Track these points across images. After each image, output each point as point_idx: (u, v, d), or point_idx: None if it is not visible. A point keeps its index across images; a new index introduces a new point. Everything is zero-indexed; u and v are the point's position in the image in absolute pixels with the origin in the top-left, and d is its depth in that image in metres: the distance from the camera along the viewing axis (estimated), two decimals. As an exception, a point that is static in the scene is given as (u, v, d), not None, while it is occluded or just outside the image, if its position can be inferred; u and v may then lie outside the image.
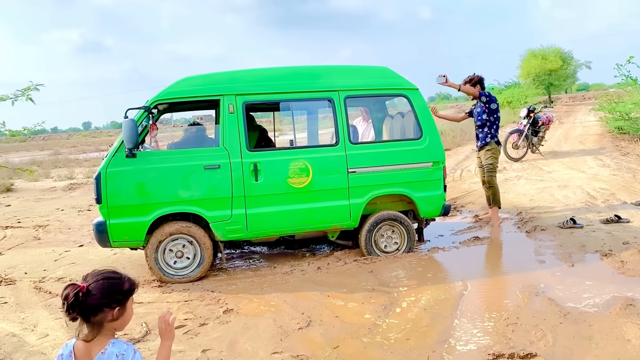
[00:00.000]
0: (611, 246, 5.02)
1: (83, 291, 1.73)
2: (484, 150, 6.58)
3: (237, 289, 4.59)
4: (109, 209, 4.67)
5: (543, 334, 3.32)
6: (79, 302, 1.72)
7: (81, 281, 1.78)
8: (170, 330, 1.94)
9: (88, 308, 1.74)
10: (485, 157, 6.56)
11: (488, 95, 6.44)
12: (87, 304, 1.73)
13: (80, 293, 1.72)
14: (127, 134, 4.50)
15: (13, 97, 4.04)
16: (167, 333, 1.94)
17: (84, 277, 1.80)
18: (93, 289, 1.75)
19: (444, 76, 6.23)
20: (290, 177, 4.96)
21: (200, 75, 5.11)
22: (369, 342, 3.42)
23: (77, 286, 1.74)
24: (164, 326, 1.93)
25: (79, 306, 1.73)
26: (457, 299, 4.07)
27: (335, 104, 5.15)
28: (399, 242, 5.39)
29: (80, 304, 1.73)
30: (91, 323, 1.77)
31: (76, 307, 1.72)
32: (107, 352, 1.78)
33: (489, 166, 6.53)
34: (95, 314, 1.75)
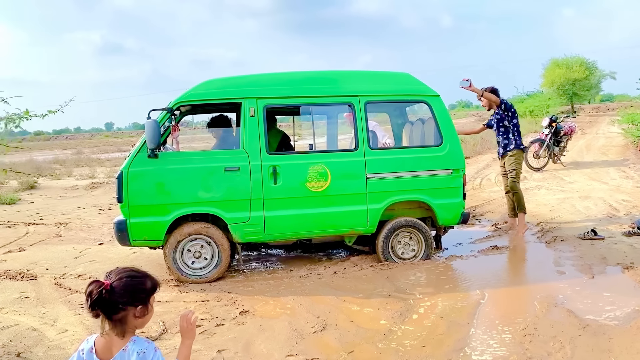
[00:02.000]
0: (633, 259, 4.94)
1: (107, 288, 1.75)
2: (507, 157, 6.57)
3: (254, 291, 4.62)
4: (129, 208, 4.74)
5: (561, 345, 3.28)
6: (102, 299, 1.75)
7: (104, 278, 1.80)
8: (192, 329, 1.96)
9: (111, 305, 1.77)
10: (509, 163, 6.55)
11: (506, 102, 6.51)
12: (110, 301, 1.76)
13: (104, 290, 1.75)
14: (150, 135, 4.57)
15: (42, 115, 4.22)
16: (189, 332, 1.96)
17: (107, 274, 1.82)
18: (117, 287, 1.77)
19: (468, 80, 6.26)
20: (309, 180, 4.98)
21: (222, 78, 5.17)
22: (384, 347, 3.41)
23: (101, 283, 1.76)
24: (186, 325, 1.96)
25: (102, 303, 1.75)
26: (474, 308, 4.04)
27: (355, 109, 5.16)
28: (417, 249, 5.36)
29: (104, 301, 1.75)
30: (113, 320, 1.79)
31: (99, 304, 1.75)
32: (128, 349, 1.81)
33: (512, 172, 6.50)
34: (117, 311, 1.78)
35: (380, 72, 5.58)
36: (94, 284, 1.77)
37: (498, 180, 10.67)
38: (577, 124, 12.93)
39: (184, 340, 1.96)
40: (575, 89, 39.29)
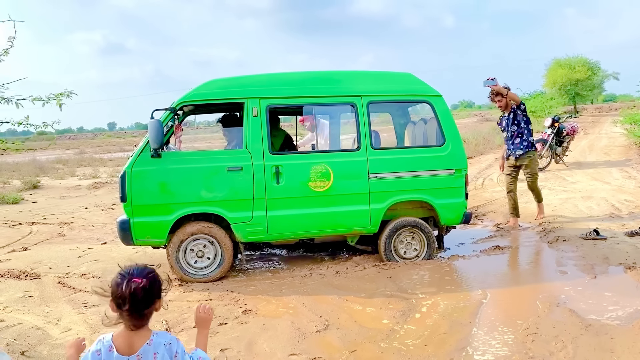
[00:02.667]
0: (635, 259, 4.94)
1: (146, 286, 1.80)
2: (527, 159, 6.75)
3: (256, 290, 4.63)
4: (133, 208, 4.76)
5: (563, 345, 3.28)
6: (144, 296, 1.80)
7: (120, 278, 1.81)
8: (209, 318, 2.06)
9: (148, 301, 1.82)
10: (529, 165, 6.78)
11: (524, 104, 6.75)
12: (147, 297, 1.81)
13: (144, 287, 1.80)
14: (153, 134, 4.59)
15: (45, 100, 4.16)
16: (206, 321, 2.06)
17: (129, 273, 1.82)
18: (150, 282, 1.82)
19: (494, 79, 6.43)
20: (311, 180, 4.99)
21: (225, 78, 5.19)
22: (387, 347, 3.42)
23: (139, 281, 1.80)
24: (204, 314, 2.05)
25: (143, 300, 1.80)
26: (476, 307, 4.04)
27: (357, 109, 5.17)
28: (419, 249, 5.37)
29: (144, 298, 1.80)
30: (142, 316, 1.83)
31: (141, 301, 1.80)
32: (153, 342, 1.86)
33: (534, 174, 6.84)
34: (148, 306, 1.83)
35: (382, 72, 5.60)
36: (131, 283, 1.79)
37: (500, 180, 10.66)
38: (579, 124, 12.92)
39: (201, 330, 2.05)
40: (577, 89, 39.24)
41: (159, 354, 1.85)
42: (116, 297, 1.79)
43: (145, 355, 1.84)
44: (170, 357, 1.87)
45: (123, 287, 1.77)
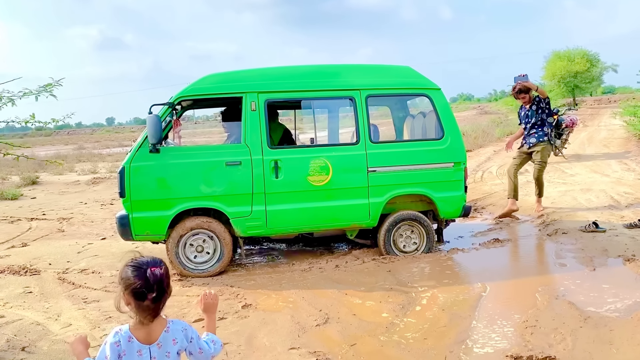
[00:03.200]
0: (634, 251, 4.94)
1: (165, 273, 1.84)
2: (540, 147, 6.95)
3: (256, 285, 4.64)
4: (132, 203, 4.76)
5: (562, 337, 3.29)
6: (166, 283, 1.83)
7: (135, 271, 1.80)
8: (215, 303, 2.10)
9: (168, 289, 1.85)
10: (540, 154, 6.96)
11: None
12: (167, 285, 1.85)
13: (164, 276, 1.83)
14: (151, 130, 4.57)
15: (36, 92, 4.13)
16: (213, 307, 2.10)
17: (144, 263, 1.82)
18: (166, 271, 1.86)
19: (526, 75, 6.76)
20: (310, 174, 4.99)
21: (224, 72, 5.17)
22: (386, 340, 3.43)
23: (159, 269, 1.82)
24: (211, 300, 2.08)
25: (164, 289, 1.83)
26: (476, 300, 4.05)
27: (356, 102, 5.16)
28: (418, 242, 5.38)
29: (166, 286, 1.84)
30: (160, 304, 1.85)
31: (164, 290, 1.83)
32: (170, 329, 1.89)
33: (542, 164, 7.00)
34: (167, 292, 1.86)
35: (381, 66, 5.58)
36: (155, 271, 1.80)
37: (499, 173, 10.69)
38: (578, 117, 12.89)
39: (209, 315, 2.09)
40: (576, 82, 39.14)
41: (178, 340, 1.89)
42: (137, 288, 1.77)
43: (165, 342, 1.87)
44: (187, 340, 1.92)
45: (147, 275, 1.77)
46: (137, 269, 1.80)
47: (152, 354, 1.85)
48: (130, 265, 1.82)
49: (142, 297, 1.78)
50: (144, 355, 1.84)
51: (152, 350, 1.85)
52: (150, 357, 1.84)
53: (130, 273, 1.80)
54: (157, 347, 1.85)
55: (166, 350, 1.87)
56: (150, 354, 1.84)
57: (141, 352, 1.84)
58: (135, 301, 1.80)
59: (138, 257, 1.85)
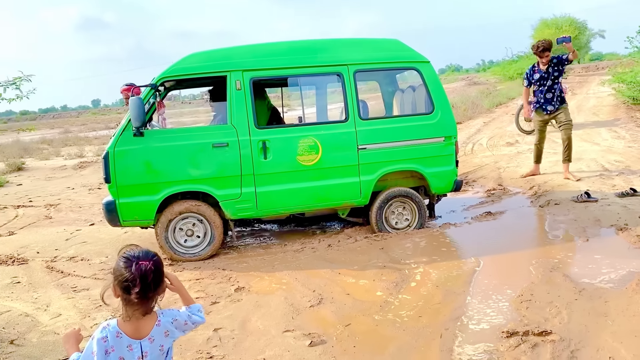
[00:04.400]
0: (627, 220, 4.94)
1: (153, 268, 1.78)
2: (563, 111, 7.00)
3: (248, 267, 4.59)
4: (118, 188, 4.66)
5: (558, 310, 3.27)
6: (153, 279, 1.77)
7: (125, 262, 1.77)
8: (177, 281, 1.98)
9: (155, 284, 1.79)
10: (565, 114, 7.01)
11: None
12: (155, 280, 1.79)
13: (152, 270, 1.77)
14: (134, 113, 4.45)
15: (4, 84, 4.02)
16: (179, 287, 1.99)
17: (134, 256, 1.78)
18: (155, 265, 1.79)
19: (570, 37, 6.74)
20: (300, 154, 4.90)
21: (207, 51, 5.02)
22: (381, 319, 3.40)
23: (147, 263, 1.77)
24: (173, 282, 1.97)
25: (153, 283, 1.77)
26: (470, 276, 4.03)
27: (344, 78, 5.05)
28: (410, 219, 5.34)
29: (154, 281, 1.78)
30: (149, 299, 1.80)
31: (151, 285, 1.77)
32: (161, 323, 1.86)
33: (569, 122, 7.01)
34: (155, 289, 1.80)
35: (368, 40, 5.45)
36: (140, 265, 1.75)
37: (490, 145, 10.66)
38: (567, 85, 12.82)
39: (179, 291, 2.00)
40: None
41: (170, 331, 1.87)
42: (123, 281, 1.75)
43: (157, 336, 1.83)
44: (180, 328, 1.91)
45: (132, 269, 1.74)
46: (126, 261, 1.78)
47: (144, 348, 1.81)
48: (122, 257, 1.80)
49: (128, 290, 1.75)
50: (134, 350, 1.80)
51: (144, 344, 1.81)
52: (141, 351, 1.80)
53: (121, 265, 1.78)
54: (148, 341, 1.82)
55: (159, 343, 1.84)
56: (142, 349, 1.81)
57: (131, 347, 1.79)
58: (123, 294, 1.77)
59: (132, 249, 1.83)
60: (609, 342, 2.87)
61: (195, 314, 1.97)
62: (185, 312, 1.95)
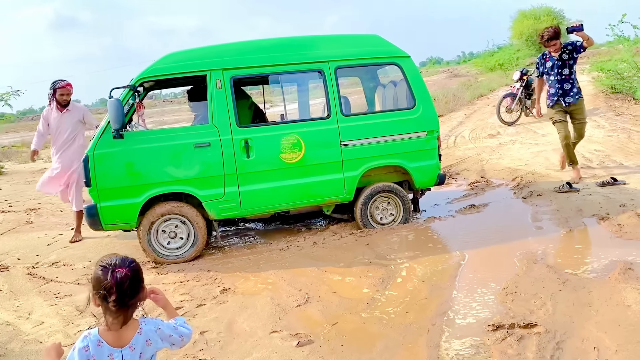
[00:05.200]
0: (608, 209, 4.99)
1: (130, 275, 1.76)
2: (579, 105, 6.44)
3: (234, 267, 4.55)
4: (99, 192, 4.59)
5: (543, 302, 3.30)
6: (129, 286, 1.75)
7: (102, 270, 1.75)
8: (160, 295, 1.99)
9: (133, 291, 1.77)
10: (582, 110, 6.48)
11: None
12: (133, 287, 1.77)
13: (128, 277, 1.75)
14: (113, 115, 4.39)
15: None
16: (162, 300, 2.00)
17: (110, 264, 1.76)
18: (132, 272, 1.77)
19: (582, 25, 6.01)
20: (283, 152, 4.87)
21: (186, 50, 4.96)
22: (368, 317, 3.40)
23: (123, 271, 1.75)
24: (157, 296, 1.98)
25: (129, 291, 1.75)
26: (455, 270, 4.04)
27: (325, 75, 5.02)
28: (395, 214, 5.34)
29: (130, 289, 1.75)
30: (127, 307, 1.78)
31: (126, 293, 1.74)
32: (143, 330, 1.83)
33: (583, 120, 6.51)
34: (133, 297, 1.78)
35: (349, 36, 5.44)
36: (116, 272, 1.73)
37: (472, 137, 10.71)
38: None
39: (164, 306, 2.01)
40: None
41: (152, 341, 1.84)
42: (100, 289, 1.73)
43: (137, 344, 1.81)
44: (165, 340, 1.88)
45: (108, 277, 1.72)
46: (103, 270, 1.76)
47: (125, 357, 1.79)
48: (99, 265, 1.78)
49: (105, 299, 1.74)
50: (115, 358, 1.78)
51: (125, 353, 1.79)
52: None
53: (98, 273, 1.76)
54: (129, 349, 1.80)
55: (139, 352, 1.82)
56: (123, 357, 1.78)
57: (112, 356, 1.78)
58: (101, 303, 1.75)
59: (110, 257, 1.81)
60: (594, 332, 2.89)
61: (181, 326, 1.95)
62: (170, 324, 1.92)
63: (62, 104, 5.70)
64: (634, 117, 10.46)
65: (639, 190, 5.52)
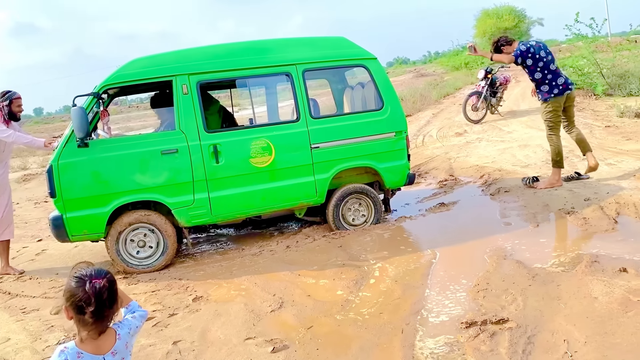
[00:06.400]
0: (573, 204, 5.11)
1: (107, 285, 1.75)
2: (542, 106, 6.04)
3: (206, 275, 4.50)
4: (64, 203, 4.48)
5: (513, 298, 3.36)
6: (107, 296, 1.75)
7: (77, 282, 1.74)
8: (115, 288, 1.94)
9: (110, 302, 1.77)
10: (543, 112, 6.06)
11: (521, 54, 5.78)
12: (110, 298, 1.77)
13: (106, 288, 1.75)
14: (77, 123, 4.29)
15: None
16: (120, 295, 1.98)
17: (86, 275, 1.74)
18: (109, 283, 1.77)
19: (472, 46, 5.92)
20: (253, 156, 4.84)
21: (150, 55, 4.89)
22: (343, 319, 3.40)
23: (100, 281, 1.74)
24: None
25: (107, 302, 1.75)
26: (427, 268, 4.08)
27: (293, 78, 5.01)
28: (367, 215, 5.37)
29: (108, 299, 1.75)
30: (105, 318, 1.77)
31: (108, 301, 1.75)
32: (121, 336, 1.85)
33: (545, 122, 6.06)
34: (111, 307, 1.78)
35: (315, 38, 5.46)
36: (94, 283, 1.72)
37: (440, 136, 10.85)
38: (511, 74, 13.20)
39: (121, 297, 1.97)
40: (506, 38, 40.16)
41: (129, 342, 1.88)
42: (77, 302, 1.71)
43: (118, 349, 1.82)
44: (133, 335, 1.92)
45: (86, 288, 1.70)
46: (78, 281, 1.74)
47: None
48: (73, 277, 1.76)
49: (81, 311, 1.71)
50: None
51: (107, 359, 1.79)
52: None
53: (72, 285, 1.74)
54: (111, 355, 1.80)
55: (121, 356, 1.83)
56: None
57: None
58: (76, 315, 1.73)
59: (83, 268, 1.79)
60: (563, 325, 2.95)
61: (137, 310, 1.99)
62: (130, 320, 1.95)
63: (17, 117, 5.06)
64: (595, 113, 10.76)
65: (602, 184, 5.67)
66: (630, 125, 8.74)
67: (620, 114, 9.57)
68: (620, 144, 7.54)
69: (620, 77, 12.67)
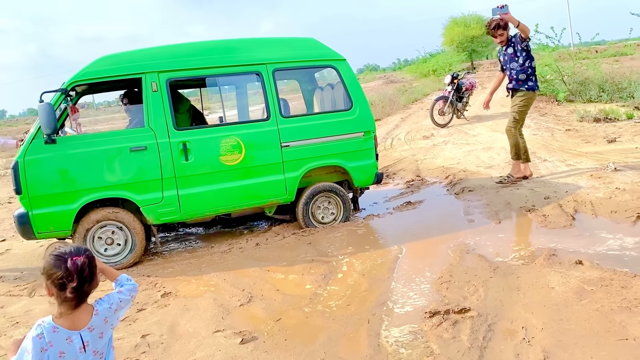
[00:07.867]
0: (534, 202, 5.31)
1: (87, 262, 1.78)
2: (519, 94, 6.22)
3: (174, 272, 4.50)
4: (30, 199, 4.42)
5: (475, 289, 3.48)
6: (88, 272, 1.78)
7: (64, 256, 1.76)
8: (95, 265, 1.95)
9: (90, 277, 1.80)
10: (517, 103, 6.20)
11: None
12: (91, 274, 1.80)
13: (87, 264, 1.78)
14: (44, 119, 4.25)
15: None
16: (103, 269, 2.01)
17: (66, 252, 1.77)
18: (89, 259, 1.81)
19: (505, 6, 5.83)
20: (222, 154, 4.87)
21: (120, 53, 4.88)
22: (311, 311, 3.46)
23: (81, 258, 1.77)
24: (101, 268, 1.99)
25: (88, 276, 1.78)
26: (394, 263, 4.18)
27: (263, 77, 5.07)
28: (336, 213, 5.45)
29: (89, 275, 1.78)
30: (84, 293, 1.80)
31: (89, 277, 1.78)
32: (99, 311, 1.86)
33: (513, 114, 6.22)
34: (91, 283, 1.81)
35: (286, 39, 5.52)
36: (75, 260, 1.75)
37: (407, 139, 11.03)
38: (477, 80, 13.55)
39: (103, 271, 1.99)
40: (473, 46, 41.07)
41: (109, 318, 1.88)
42: (58, 279, 1.74)
43: (96, 325, 1.84)
44: (118, 310, 1.92)
45: (68, 265, 1.74)
46: (59, 259, 1.77)
47: (84, 338, 1.81)
48: (52, 255, 1.79)
49: (63, 287, 1.75)
50: (74, 341, 1.79)
51: (84, 334, 1.81)
52: (82, 342, 1.80)
53: (52, 263, 1.76)
54: (88, 330, 1.82)
55: (99, 332, 1.85)
56: (82, 339, 1.80)
57: (71, 339, 1.79)
58: (57, 291, 1.76)
59: (61, 247, 1.82)
60: (522, 314, 3.08)
61: (125, 284, 2.00)
62: (115, 293, 1.96)
63: None
64: (556, 117, 11.11)
65: (562, 183, 5.89)
66: (589, 129, 9.07)
67: (580, 119, 9.92)
68: (579, 147, 7.83)
69: (581, 84, 13.13)
